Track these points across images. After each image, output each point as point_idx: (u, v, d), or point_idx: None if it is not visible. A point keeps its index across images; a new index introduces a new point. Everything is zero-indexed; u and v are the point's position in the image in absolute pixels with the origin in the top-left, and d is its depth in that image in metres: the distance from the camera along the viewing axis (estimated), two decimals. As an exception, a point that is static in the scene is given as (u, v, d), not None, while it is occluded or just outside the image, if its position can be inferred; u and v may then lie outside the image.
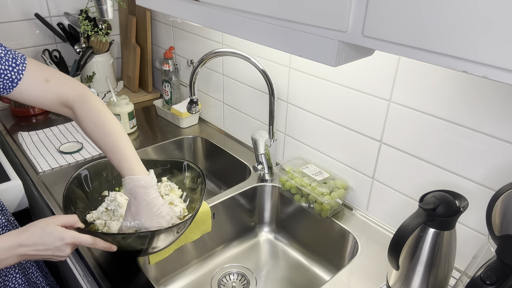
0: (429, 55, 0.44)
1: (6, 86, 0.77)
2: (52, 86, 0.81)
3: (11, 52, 0.79)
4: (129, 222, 0.77)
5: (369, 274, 0.83)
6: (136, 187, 0.75)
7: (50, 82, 0.81)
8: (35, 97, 0.80)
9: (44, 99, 0.80)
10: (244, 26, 0.65)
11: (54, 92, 0.80)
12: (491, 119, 0.71)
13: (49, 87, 0.80)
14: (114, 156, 0.77)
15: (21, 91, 0.78)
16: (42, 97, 0.80)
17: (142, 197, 0.75)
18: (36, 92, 0.80)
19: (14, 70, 0.77)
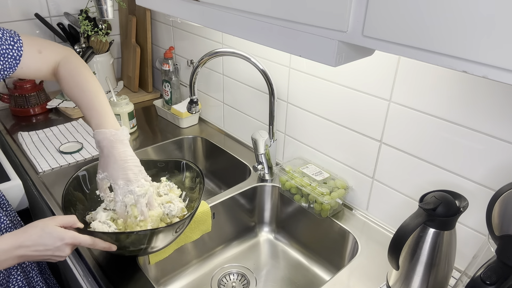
0: (429, 55, 0.44)
1: (11, 65, 0.80)
2: (45, 56, 0.84)
3: (5, 30, 0.81)
4: (100, 174, 0.80)
5: (369, 274, 0.83)
6: (102, 140, 0.77)
7: (42, 52, 0.84)
8: (33, 70, 0.83)
9: (40, 70, 0.84)
10: (244, 26, 0.65)
11: (47, 61, 0.84)
12: (491, 119, 0.71)
13: (43, 58, 0.84)
14: (89, 112, 0.80)
15: (22, 67, 0.81)
16: (39, 68, 0.84)
17: (108, 149, 0.77)
18: (34, 64, 0.83)
19: (15, 48, 0.80)
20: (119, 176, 0.78)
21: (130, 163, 0.79)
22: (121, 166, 0.77)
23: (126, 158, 0.78)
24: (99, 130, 0.78)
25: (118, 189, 0.78)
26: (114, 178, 0.78)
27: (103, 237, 0.76)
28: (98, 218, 0.82)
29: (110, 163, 0.78)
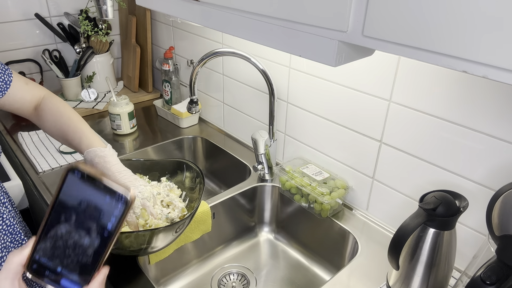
0: (429, 55, 0.44)
1: (1, 89, 0.82)
2: (31, 88, 0.88)
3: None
4: None
5: (369, 274, 0.83)
6: (94, 157, 0.80)
7: (28, 85, 0.88)
8: (19, 99, 0.86)
9: (25, 100, 0.87)
10: (244, 26, 0.65)
11: (32, 94, 0.87)
12: (491, 119, 0.71)
13: (29, 90, 0.87)
14: (78, 135, 0.83)
15: (9, 93, 0.84)
16: (24, 98, 0.86)
17: (102, 165, 0.79)
18: (21, 94, 0.86)
19: (6, 73, 0.83)
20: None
21: (124, 173, 0.81)
22: (118, 178, 0.79)
23: (120, 170, 0.81)
24: (89, 149, 0.81)
25: None
26: None
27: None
28: None
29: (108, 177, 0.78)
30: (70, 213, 0.45)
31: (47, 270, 0.47)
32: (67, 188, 0.45)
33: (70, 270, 0.46)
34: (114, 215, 0.45)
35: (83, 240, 0.46)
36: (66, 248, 0.46)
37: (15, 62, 1.52)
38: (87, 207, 0.45)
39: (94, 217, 0.45)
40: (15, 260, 0.48)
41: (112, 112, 1.34)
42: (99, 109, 1.53)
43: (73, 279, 0.47)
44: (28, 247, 0.48)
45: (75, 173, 0.44)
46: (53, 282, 0.47)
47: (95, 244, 0.46)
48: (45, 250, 0.47)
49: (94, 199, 0.45)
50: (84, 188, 0.44)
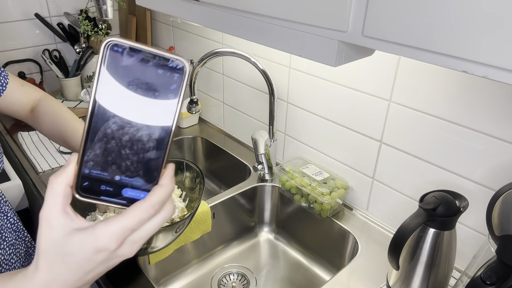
0: (429, 55, 0.44)
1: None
2: (27, 90, 0.87)
3: None
4: None
5: (369, 274, 0.83)
6: None
7: (24, 86, 0.87)
8: (15, 100, 0.85)
9: (22, 102, 0.85)
10: (244, 26, 0.65)
11: (28, 95, 0.86)
12: (491, 119, 0.71)
13: (25, 91, 0.86)
14: (73, 137, 0.82)
15: (6, 95, 0.83)
16: (21, 100, 0.85)
17: None
18: (17, 95, 0.85)
19: (2, 75, 0.82)
20: None
21: None
22: None
23: None
24: None
25: None
26: None
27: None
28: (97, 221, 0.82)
29: None
30: (118, 102, 0.35)
31: (102, 184, 0.37)
32: (108, 72, 0.35)
33: (131, 175, 0.37)
34: (171, 88, 0.36)
35: (141, 132, 0.36)
36: (121, 148, 0.36)
37: (15, 62, 1.52)
38: (137, 88, 0.35)
39: (148, 98, 0.36)
40: (60, 180, 0.36)
41: (112, 112, 1.34)
42: (99, 109, 1.53)
43: (137, 185, 0.37)
44: (70, 163, 0.36)
45: (115, 49, 0.35)
46: (112, 197, 0.37)
47: (156, 132, 0.36)
48: (96, 159, 0.36)
49: (144, 76, 0.35)
50: (130, 65, 0.35)
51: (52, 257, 0.37)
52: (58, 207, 0.36)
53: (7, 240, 0.83)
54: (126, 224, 0.35)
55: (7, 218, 0.86)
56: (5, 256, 0.82)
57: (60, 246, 0.36)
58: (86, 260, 0.36)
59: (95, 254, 0.36)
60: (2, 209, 0.85)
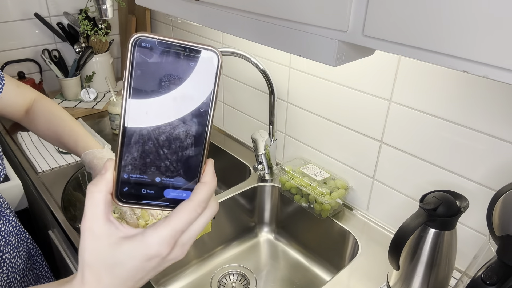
0: (429, 55, 0.44)
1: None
2: (22, 91, 0.86)
3: None
4: None
5: (370, 275, 0.83)
6: (93, 159, 0.78)
7: (20, 87, 0.86)
8: (11, 102, 0.84)
9: (17, 103, 0.85)
10: (244, 25, 0.65)
11: (24, 96, 0.86)
12: (492, 119, 0.71)
13: (20, 92, 0.86)
14: (73, 138, 0.81)
15: (2, 97, 0.82)
16: (16, 102, 0.85)
17: (101, 166, 0.78)
18: (13, 97, 0.84)
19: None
20: None
21: None
22: None
23: None
24: (87, 151, 0.80)
25: None
26: None
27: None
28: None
29: None
30: (152, 102, 0.34)
31: (142, 187, 0.35)
32: (139, 70, 0.33)
33: (172, 175, 0.36)
34: (205, 81, 0.34)
35: (178, 129, 0.35)
36: (159, 148, 0.35)
37: (14, 62, 1.52)
38: (170, 84, 0.34)
39: (182, 93, 0.34)
40: (99, 188, 0.34)
41: (112, 112, 1.34)
42: (99, 109, 1.53)
43: (179, 185, 0.36)
44: (108, 170, 0.35)
45: (144, 45, 0.33)
46: (154, 199, 0.36)
47: (193, 127, 0.35)
48: (134, 162, 0.35)
49: (176, 70, 0.33)
50: (161, 60, 0.33)
51: (100, 269, 0.35)
52: (101, 216, 0.34)
53: (10, 243, 0.83)
54: (175, 227, 0.34)
55: (8, 221, 0.86)
56: (10, 259, 0.82)
57: (107, 257, 0.34)
58: (136, 269, 0.35)
59: (147, 262, 0.35)
60: (3, 213, 0.85)
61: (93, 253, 0.34)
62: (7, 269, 0.81)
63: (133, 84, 0.33)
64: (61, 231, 0.97)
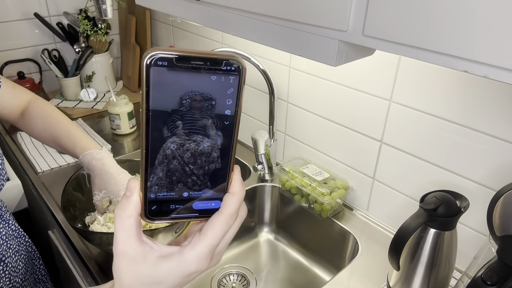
0: (429, 55, 0.43)
1: None
2: (18, 93, 0.86)
3: None
4: (98, 195, 0.79)
5: (370, 275, 0.82)
6: (91, 160, 0.78)
7: (15, 89, 0.86)
8: (6, 104, 0.84)
9: (12, 105, 0.85)
10: (244, 25, 0.65)
11: (19, 98, 0.85)
12: (492, 119, 0.70)
13: (16, 94, 0.85)
14: (71, 139, 0.81)
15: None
16: (11, 103, 0.84)
17: (100, 167, 0.78)
18: (8, 98, 0.84)
19: None
20: (119, 188, 0.78)
21: (123, 175, 0.80)
22: (118, 180, 0.78)
23: (118, 171, 0.80)
24: (85, 152, 0.80)
25: None
26: (115, 192, 0.78)
27: (103, 237, 0.76)
28: (96, 221, 0.82)
29: (107, 180, 0.78)
30: (173, 120, 0.33)
31: (171, 203, 0.35)
32: (157, 90, 0.31)
33: (199, 188, 0.36)
34: (228, 92, 0.33)
35: (203, 144, 0.34)
36: (184, 166, 0.34)
37: (14, 62, 1.52)
38: (192, 101, 0.32)
39: (205, 109, 0.33)
40: (129, 213, 0.34)
41: (112, 112, 1.34)
42: (99, 109, 1.52)
43: (207, 197, 0.36)
44: (134, 191, 0.35)
45: (160, 63, 0.31)
46: (183, 213, 0.36)
47: (218, 140, 0.34)
48: (160, 182, 0.34)
49: (197, 86, 0.32)
50: (180, 77, 0.31)
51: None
52: (134, 239, 0.34)
53: (12, 247, 0.83)
54: (212, 242, 0.35)
55: (8, 225, 0.85)
56: (12, 263, 0.82)
57: (147, 277, 0.35)
58: (177, 284, 0.36)
59: (186, 277, 0.36)
60: (3, 216, 0.84)
61: (131, 275, 0.35)
62: (9, 273, 0.81)
63: (151, 106, 0.32)
64: (61, 231, 0.97)
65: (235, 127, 0.35)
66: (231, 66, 0.32)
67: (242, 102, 0.34)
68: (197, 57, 0.31)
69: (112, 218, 0.83)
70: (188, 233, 0.38)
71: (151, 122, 0.32)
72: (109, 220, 0.83)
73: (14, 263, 0.83)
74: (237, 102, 0.34)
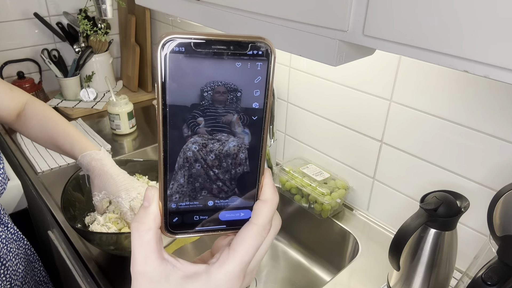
0: (429, 55, 0.43)
1: None
2: (15, 94, 0.85)
3: None
4: (98, 195, 0.79)
5: (370, 275, 0.82)
6: (91, 161, 0.78)
7: (13, 90, 0.85)
8: (3, 105, 0.83)
9: (9, 106, 0.84)
10: (244, 25, 0.64)
11: (16, 100, 0.85)
12: (493, 119, 0.70)
13: (13, 96, 0.85)
14: (68, 140, 0.81)
15: None
16: (8, 105, 0.84)
17: (99, 168, 0.78)
18: (5, 100, 0.84)
19: None
20: (119, 189, 0.78)
21: (122, 175, 0.80)
22: (117, 180, 0.78)
23: (118, 172, 0.80)
24: (85, 153, 0.79)
25: (122, 201, 0.78)
26: (115, 193, 0.78)
27: (102, 237, 0.76)
28: (96, 221, 0.82)
29: (107, 180, 0.78)
30: (194, 117, 0.28)
31: (194, 214, 0.31)
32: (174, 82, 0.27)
33: (226, 196, 0.31)
34: (256, 81, 0.28)
35: (228, 144, 0.30)
36: (208, 169, 0.30)
37: (14, 62, 1.52)
38: (214, 93, 0.28)
39: (229, 102, 0.28)
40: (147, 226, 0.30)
41: (111, 112, 1.34)
42: (98, 109, 1.52)
43: (236, 206, 0.31)
44: (152, 201, 0.30)
45: (177, 49, 0.26)
46: (209, 225, 0.31)
47: (246, 139, 0.30)
48: (181, 190, 0.30)
49: (219, 74, 0.27)
50: (200, 65, 0.27)
51: None
52: (154, 256, 0.30)
53: (12, 251, 0.83)
54: (243, 258, 0.30)
55: (7, 228, 0.85)
56: (12, 267, 0.82)
57: None
58: None
59: None
60: (2, 220, 0.84)
61: None
62: (10, 277, 0.81)
63: (169, 100, 0.27)
64: (60, 232, 0.96)
65: (265, 123, 0.30)
66: (258, 50, 0.28)
67: (272, 93, 0.29)
68: (219, 40, 0.27)
69: (112, 218, 0.83)
70: (215, 248, 0.33)
71: (169, 119, 0.28)
72: (109, 220, 0.83)
73: (15, 267, 0.83)
74: (266, 93, 0.29)
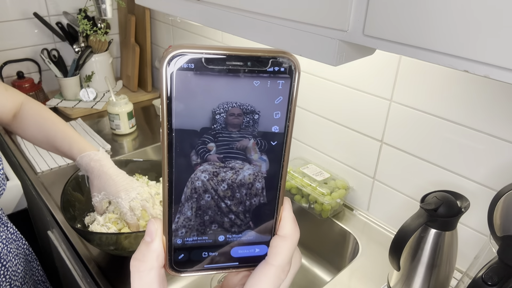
0: (430, 54, 0.43)
1: None
2: (10, 95, 0.85)
3: None
4: (97, 196, 0.79)
5: (370, 275, 0.82)
6: (89, 161, 0.78)
7: (8, 91, 0.85)
8: (1, 107, 0.83)
9: (5, 106, 0.84)
10: (244, 25, 0.64)
11: (12, 100, 0.85)
12: (493, 119, 0.70)
13: (8, 96, 0.84)
14: (66, 141, 0.81)
15: None
16: (4, 105, 0.84)
17: (98, 168, 0.78)
18: (2, 102, 0.83)
19: None
20: (118, 190, 0.78)
21: (121, 176, 0.80)
22: (117, 181, 0.78)
23: (117, 172, 0.80)
24: (83, 154, 0.79)
25: (121, 201, 0.78)
26: (114, 193, 0.77)
27: (102, 237, 0.76)
28: (96, 221, 0.82)
29: (106, 181, 0.78)
30: (204, 141, 0.25)
31: (203, 250, 0.28)
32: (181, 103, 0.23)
33: (239, 230, 0.27)
34: (276, 102, 0.25)
35: (242, 173, 0.26)
36: (219, 201, 0.26)
37: (13, 62, 1.52)
38: (228, 116, 0.24)
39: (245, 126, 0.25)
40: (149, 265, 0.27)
41: (111, 112, 1.33)
42: (98, 109, 1.52)
43: (250, 241, 0.28)
44: (155, 236, 0.26)
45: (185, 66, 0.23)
46: (220, 262, 0.28)
47: (263, 167, 0.26)
48: (188, 223, 0.26)
49: (234, 94, 0.24)
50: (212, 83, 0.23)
51: None
52: None
53: (11, 251, 0.83)
54: None
55: (7, 228, 0.85)
56: (12, 267, 0.82)
57: None
58: None
59: None
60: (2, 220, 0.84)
61: None
62: (10, 277, 0.81)
63: (175, 124, 0.24)
64: (60, 232, 0.96)
65: (285, 149, 0.26)
66: (280, 67, 0.24)
67: (294, 115, 0.25)
68: (234, 55, 0.23)
69: (112, 218, 0.83)
70: (226, 286, 0.30)
71: (175, 145, 0.24)
72: (109, 221, 0.83)
73: (14, 267, 0.83)
74: (287, 116, 0.25)
